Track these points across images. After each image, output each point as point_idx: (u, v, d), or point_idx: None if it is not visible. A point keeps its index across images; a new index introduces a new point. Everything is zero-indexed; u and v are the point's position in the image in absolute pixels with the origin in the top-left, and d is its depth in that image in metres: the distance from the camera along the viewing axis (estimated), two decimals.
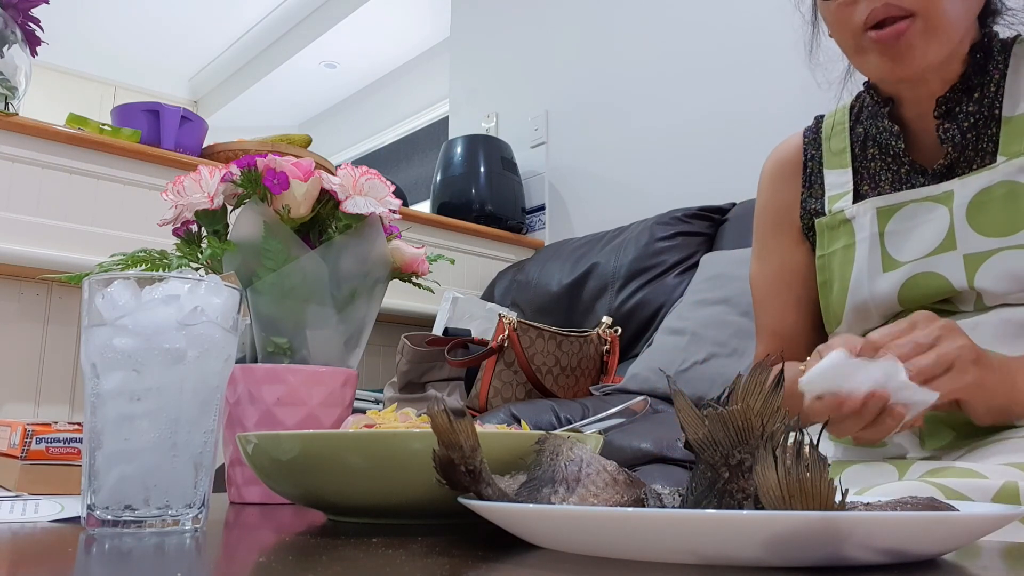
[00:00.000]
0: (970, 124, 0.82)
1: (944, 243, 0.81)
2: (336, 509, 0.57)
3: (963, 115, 0.83)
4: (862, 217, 0.88)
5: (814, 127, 0.99)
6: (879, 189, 0.89)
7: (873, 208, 0.87)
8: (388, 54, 4.57)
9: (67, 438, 0.74)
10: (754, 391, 0.38)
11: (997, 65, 0.83)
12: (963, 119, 0.83)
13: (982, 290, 0.79)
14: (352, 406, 0.81)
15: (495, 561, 0.40)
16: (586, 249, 2.23)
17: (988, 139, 0.82)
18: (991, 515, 0.37)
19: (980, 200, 0.80)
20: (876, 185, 0.89)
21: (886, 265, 0.85)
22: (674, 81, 2.42)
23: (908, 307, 0.84)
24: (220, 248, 0.79)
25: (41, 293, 1.84)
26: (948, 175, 0.84)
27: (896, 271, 0.84)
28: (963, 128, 0.82)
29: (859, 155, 0.92)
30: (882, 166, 0.90)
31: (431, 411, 0.43)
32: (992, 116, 0.82)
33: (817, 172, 0.96)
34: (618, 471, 0.44)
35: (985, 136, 0.82)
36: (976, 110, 0.83)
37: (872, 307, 0.86)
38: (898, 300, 0.84)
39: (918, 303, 0.83)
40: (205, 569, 0.42)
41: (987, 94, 0.83)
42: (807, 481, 0.34)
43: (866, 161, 0.91)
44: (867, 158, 0.91)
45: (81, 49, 4.81)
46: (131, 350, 0.50)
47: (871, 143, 0.91)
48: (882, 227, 0.86)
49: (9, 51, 1.65)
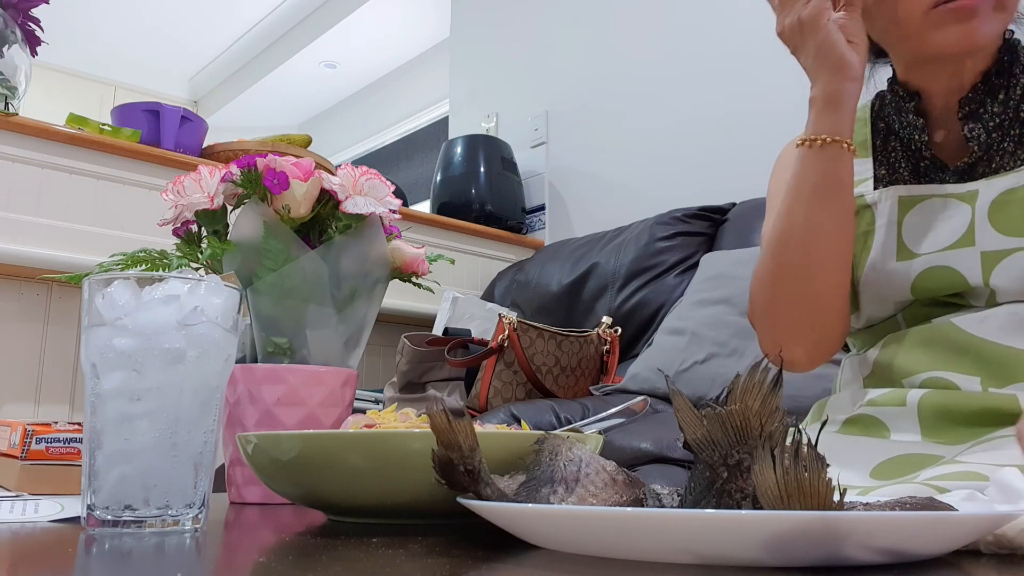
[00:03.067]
0: (995, 124, 0.84)
1: (963, 239, 0.82)
2: (336, 509, 0.57)
3: (988, 115, 0.84)
4: (883, 203, 0.89)
5: None
6: (898, 176, 0.90)
7: (895, 196, 0.88)
8: (388, 54, 4.58)
9: (67, 438, 0.74)
10: (753, 391, 0.38)
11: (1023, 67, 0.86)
12: (988, 119, 0.84)
13: (997, 288, 0.80)
14: (352, 406, 0.81)
15: (495, 561, 0.40)
16: (586, 249, 2.23)
17: (1012, 140, 0.84)
18: (991, 515, 0.37)
19: (1003, 200, 0.81)
20: (895, 172, 0.91)
21: (900, 254, 0.86)
22: (674, 81, 2.42)
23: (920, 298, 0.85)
24: (220, 248, 0.79)
25: (41, 293, 1.84)
26: (970, 173, 0.85)
27: (911, 261, 0.85)
28: (988, 128, 0.84)
29: (880, 147, 0.94)
30: (903, 157, 0.91)
31: (430, 411, 0.43)
32: (1017, 118, 0.84)
33: None
34: (617, 471, 0.44)
35: (1009, 137, 0.84)
36: (1001, 111, 0.84)
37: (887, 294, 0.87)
38: (911, 290, 0.85)
39: (931, 295, 0.84)
40: (205, 569, 0.42)
41: (1012, 96, 0.85)
42: (805, 481, 0.34)
43: (887, 152, 0.93)
44: (888, 150, 0.93)
45: (81, 49, 4.81)
46: (131, 350, 0.50)
47: (893, 137, 0.92)
48: (901, 216, 0.87)
49: (9, 51, 1.65)
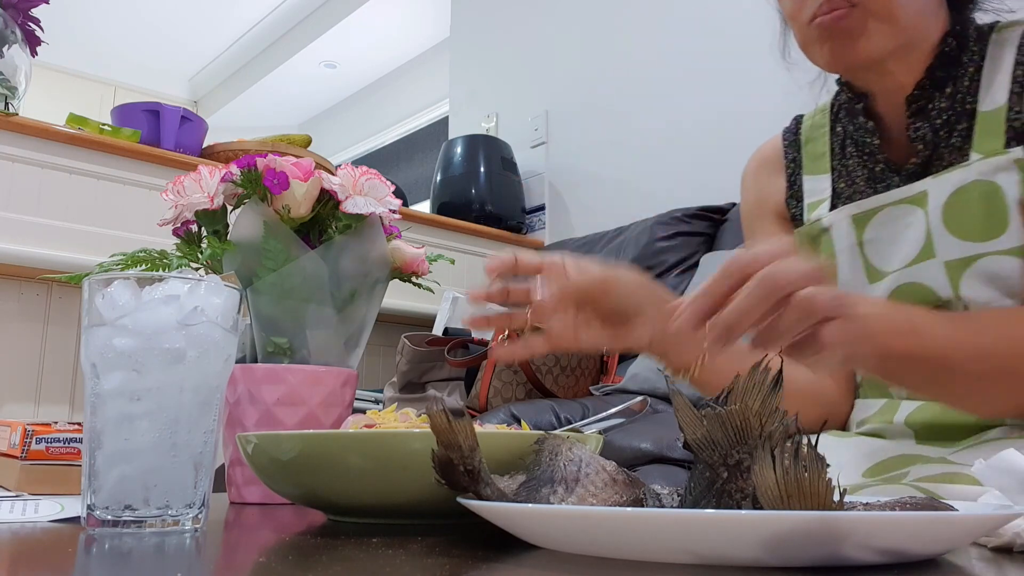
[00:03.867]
0: (943, 121, 0.80)
1: (924, 251, 0.78)
2: (336, 509, 0.57)
3: (935, 111, 0.80)
4: (839, 226, 0.85)
5: (793, 128, 0.97)
6: (855, 187, 0.86)
7: (848, 216, 0.84)
8: (388, 54, 4.57)
9: (67, 438, 0.74)
10: (752, 391, 0.38)
11: (972, 57, 0.80)
12: (935, 116, 0.80)
13: (967, 299, 0.76)
14: (352, 406, 0.81)
15: (495, 561, 0.40)
16: (586, 249, 2.23)
17: (960, 134, 0.79)
18: (991, 515, 0.37)
19: (955, 201, 0.77)
20: (852, 183, 0.87)
21: (871, 276, 0.83)
22: (674, 81, 2.42)
23: None
24: (220, 248, 0.79)
25: (41, 293, 1.84)
26: (922, 174, 0.81)
27: (882, 282, 0.81)
28: (935, 126, 0.80)
29: (838, 154, 0.90)
30: (859, 163, 0.87)
31: (430, 411, 0.43)
32: (965, 111, 0.79)
33: (797, 175, 0.93)
34: (617, 471, 0.44)
35: (957, 132, 0.79)
36: (948, 105, 0.79)
37: None
38: None
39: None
40: (205, 569, 0.42)
41: (960, 88, 0.80)
42: (805, 481, 0.34)
43: (844, 160, 0.89)
44: (845, 157, 0.89)
45: (81, 49, 4.81)
46: (131, 350, 0.50)
47: (849, 141, 0.88)
48: (860, 236, 0.83)
49: (9, 51, 1.65)
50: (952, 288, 0.77)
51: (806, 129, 0.94)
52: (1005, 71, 0.77)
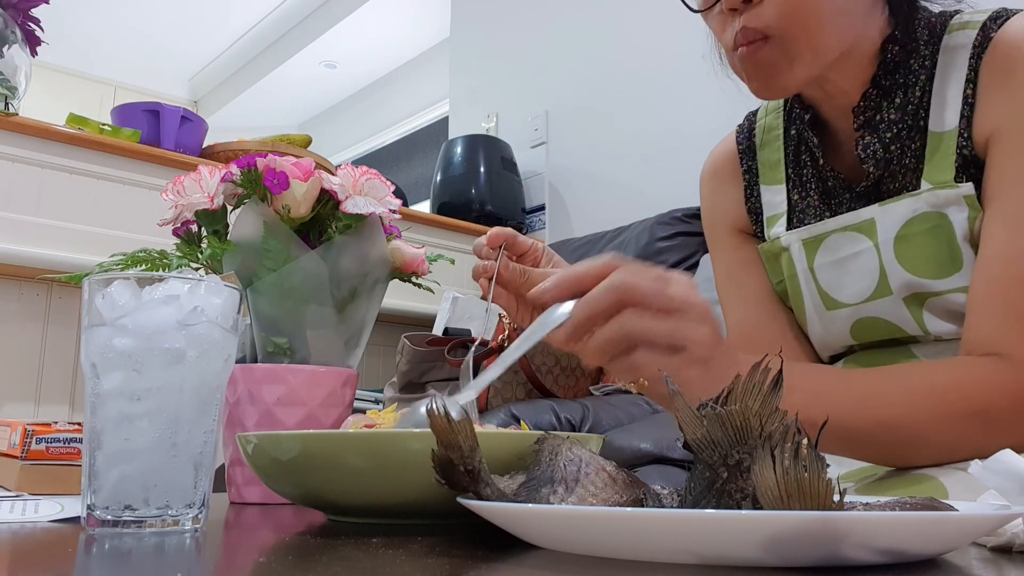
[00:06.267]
0: (893, 135, 0.74)
1: (879, 288, 0.75)
2: (336, 509, 0.57)
3: (885, 124, 0.74)
4: (793, 248, 0.81)
5: (747, 130, 0.92)
6: (808, 200, 0.82)
7: (799, 240, 0.81)
8: (388, 54, 4.58)
9: (67, 438, 0.74)
10: (752, 391, 0.38)
11: (924, 63, 0.74)
12: (884, 129, 0.74)
13: (936, 332, 0.74)
14: (352, 406, 0.81)
15: (495, 561, 0.40)
16: (586, 249, 2.23)
17: (912, 154, 0.74)
18: (990, 515, 0.37)
19: (906, 234, 0.72)
20: (806, 195, 0.82)
21: (827, 304, 0.80)
22: (674, 81, 2.42)
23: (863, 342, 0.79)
24: (220, 248, 0.79)
25: (41, 293, 1.84)
26: (874, 194, 0.76)
27: (841, 311, 0.78)
28: (885, 140, 0.74)
29: (792, 161, 0.85)
30: (812, 173, 0.82)
31: (430, 411, 0.43)
32: (916, 126, 0.74)
33: (754, 185, 0.89)
34: (617, 471, 0.44)
35: (910, 152, 0.74)
36: (899, 118, 0.74)
37: (832, 341, 0.81)
38: (852, 338, 0.79)
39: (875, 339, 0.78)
40: (205, 569, 0.42)
41: (912, 98, 0.74)
42: (805, 481, 0.34)
43: (799, 168, 0.84)
44: (800, 165, 0.84)
45: (81, 49, 4.81)
46: (131, 350, 0.50)
47: (804, 148, 0.83)
48: (811, 261, 0.80)
49: (9, 51, 1.65)
50: (916, 323, 0.74)
51: (760, 132, 0.90)
52: (956, 86, 0.72)
